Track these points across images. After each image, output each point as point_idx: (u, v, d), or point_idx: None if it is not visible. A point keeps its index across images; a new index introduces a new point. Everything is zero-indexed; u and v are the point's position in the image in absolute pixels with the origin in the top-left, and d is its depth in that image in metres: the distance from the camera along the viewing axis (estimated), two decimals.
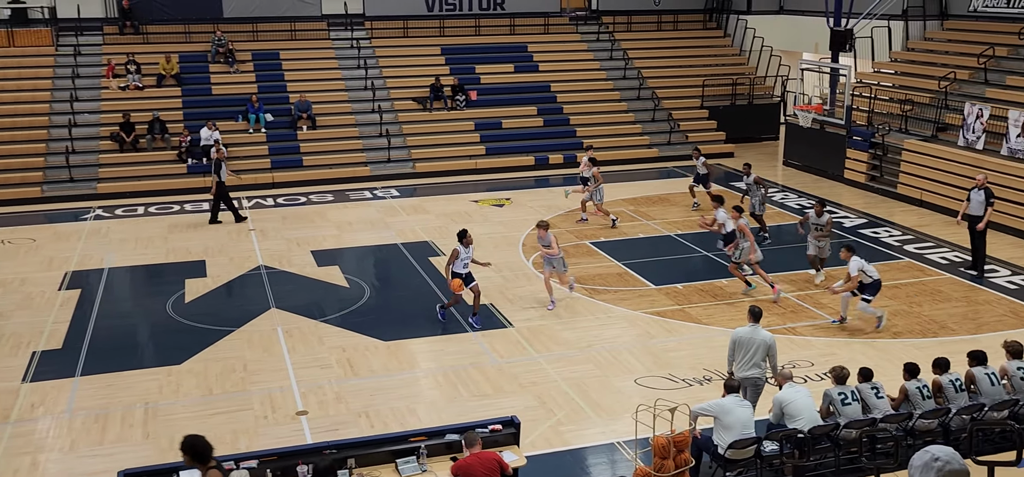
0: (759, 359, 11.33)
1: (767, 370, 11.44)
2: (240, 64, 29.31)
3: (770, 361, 11.43)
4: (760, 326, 11.47)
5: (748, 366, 11.35)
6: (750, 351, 11.33)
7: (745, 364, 11.37)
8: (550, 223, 15.97)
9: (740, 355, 11.44)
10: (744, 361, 11.39)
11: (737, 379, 11.07)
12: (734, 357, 11.52)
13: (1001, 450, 10.42)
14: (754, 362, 11.33)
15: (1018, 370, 11.18)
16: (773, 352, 11.41)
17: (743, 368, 11.39)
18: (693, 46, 33.71)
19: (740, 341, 11.44)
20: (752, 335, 11.37)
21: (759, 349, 11.30)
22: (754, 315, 11.56)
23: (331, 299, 16.77)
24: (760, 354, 11.32)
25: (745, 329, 11.50)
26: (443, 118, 28.78)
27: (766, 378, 11.45)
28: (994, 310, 15.82)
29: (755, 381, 11.35)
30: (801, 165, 27.40)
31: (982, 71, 24.09)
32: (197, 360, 14.03)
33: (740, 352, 11.43)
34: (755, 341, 11.32)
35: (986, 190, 17.33)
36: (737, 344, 11.47)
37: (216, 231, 21.28)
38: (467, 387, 13.05)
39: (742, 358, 11.42)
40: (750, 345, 11.33)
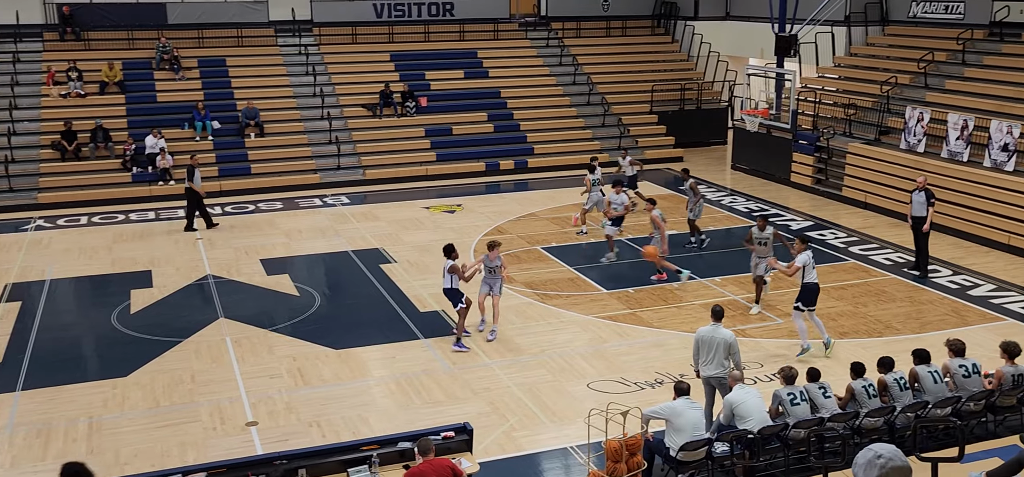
0: (722, 358, 11.49)
1: (730, 368, 11.56)
2: (186, 71, 28.89)
3: (732, 359, 11.57)
4: (721, 325, 11.62)
5: (712, 365, 11.52)
6: (712, 349, 11.49)
7: (708, 363, 11.55)
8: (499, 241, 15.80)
9: (704, 354, 11.61)
10: (707, 360, 11.56)
11: (703, 378, 11.30)
12: (698, 356, 11.69)
13: (944, 447, 10.64)
14: (717, 361, 11.49)
15: (960, 368, 11.42)
16: (734, 350, 11.55)
17: (707, 367, 11.56)
18: (642, 52, 33.99)
19: (702, 340, 11.61)
20: (713, 334, 11.53)
21: (720, 348, 11.46)
22: (715, 314, 11.73)
23: (281, 308, 16.58)
24: (722, 353, 11.47)
25: (707, 328, 11.66)
26: (393, 125, 28.66)
27: (729, 377, 11.49)
28: (937, 309, 16.16)
29: (719, 380, 11.52)
30: (749, 169, 27.75)
31: (922, 76, 24.63)
32: (143, 372, 13.77)
33: (703, 351, 11.61)
34: (716, 340, 11.49)
35: (926, 191, 17.59)
36: (700, 343, 11.64)
37: (163, 240, 20.94)
38: (420, 394, 12.98)
39: (706, 357, 11.58)
40: (712, 344, 11.50)
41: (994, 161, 20.21)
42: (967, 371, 11.40)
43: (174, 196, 24.79)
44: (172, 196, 24.82)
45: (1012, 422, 11.50)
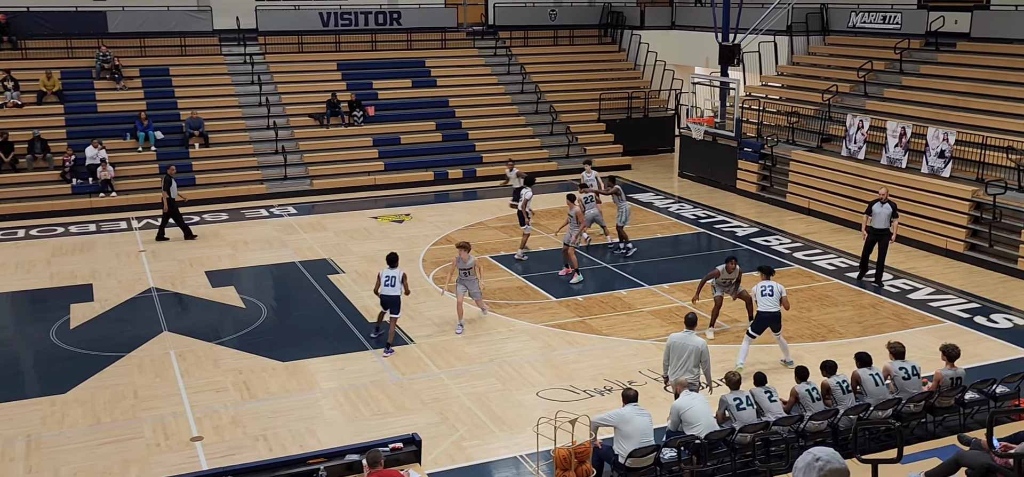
0: (692, 365, 11.70)
1: (700, 375, 11.76)
2: (127, 80, 28.40)
3: (702, 366, 11.77)
4: (693, 332, 11.85)
5: (682, 371, 11.69)
6: (683, 356, 11.70)
7: (679, 369, 11.73)
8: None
9: (674, 360, 11.82)
10: (678, 366, 11.76)
11: (673, 382, 11.48)
12: (669, 362, 11.86)
13: (886, 448, 10.86)
14: (687, 367, 11.70)
15: (900, 370, 11.67)
16: (705, 357, 11.77)
17: (677, 373, 11.75)
18: (589, 61, 34.22)
19: (674, 346, 11.84)
20: (685, 341, 11.77)
21: (691, 355, 11.67)
22: (688, 322, 12.03)
23: (227, 320, 16.36)
24: (693, 360, 11.69)
25: (679, 335, 11.89)
26: (341, 134, 28.47)
27: (700, 383, 11.74)
28: (878, 313, 16.48)
29: (690, 386, 11.57)
30: (695, 176, 28.08)
31: (862, 84, 25.15)
32: (83, 388, 13.48)
33: (674, 357, 11.83)
34: (688, 346, 11.71)
35: (890, 203, 17.44)
36: (671, 349, 11.86)
37: (104, 253, 20.54)
38: (368, 406, 12.89)
39: (676, 363, 11.79)
40: (683, 350, 11.71)
41: (931, 167, 20.69)
42: (907, 373, 11.65)
43: (116, 207, 24.38)
44: (114, 208, 24.39)
45: (951, 423, 11.77)
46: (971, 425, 11.59)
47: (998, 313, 16.43)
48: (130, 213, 24.17)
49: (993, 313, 16.43)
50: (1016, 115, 20.79)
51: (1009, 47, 23.19)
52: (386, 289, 14.69)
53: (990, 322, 16.01)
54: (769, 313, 13.78)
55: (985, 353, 14.55)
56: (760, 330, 13.96)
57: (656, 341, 15.10)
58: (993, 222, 18.98)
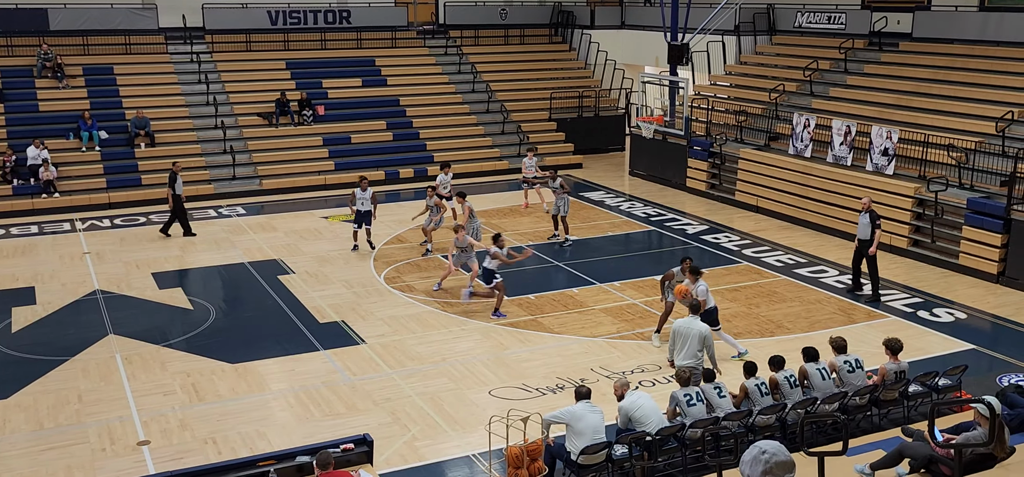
0: (696, 349, 12.10)
1: (705, 360, 12.19)
2: (70, 79, 27.83)
3: (706, 350, 12.21)
4: (697, 319, 12.31)
5: (688, 356, 12.10)
6: (688, 341, 12.11)
7: (684, 355, 12.13)
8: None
9: (680, 345, 12.21)
10: (684, 352, 12.15)
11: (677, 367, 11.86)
12: (674, 347, 12.31)
13: (833, 440, 11.04)
14: (692, 352, 12.09)
15: (845, 364, 11.87)
16: (709, 342, 12.22)
17: (683, 358, 12.14)
18: (540, 60, 34.31)
19: (679, 332, 12.24)
20: (689, 326, 12.20)
21: (695, 339, 12.09)
22: (692, 308, 12.55)
23: (174, 322, 16.12)
24: (697, 344, 12.10)
25: (684, 321, 12.36)
26: (290, 134, 28.20)
27: (701, 368, 11.99)
28: (825, 309, 16.76)
29: (693, 371, 11.91)
30: (646, 175, 28.30)
31: (808, 83, 25.54)
32: (26, 393, 13.19)
33: (679, 342, 12.21)
34: (692, 331, 12.13)
35: (871, 213, 17.10)
36: (677, 335, 12.26)
37: (47, 255, 20.12)
38: (319, 407, 12.79)
39: (681, 348, 12.19)
40: (687, 335, 12.13)
41: (875, 165, 21.08)
42: (851, 366, 11.86)
43: (59, 209, 23.89)
44: (57, 209, 23.90)
45: (895, 415, 12.00)
46: (915, 417, 11.84)
47: (940, 307, 16.80)
48: (74, 214, 23.71)
49: (935, 308, 16.80)
50: (957, 114, 21.28)
51: (949, 47, 23.73)
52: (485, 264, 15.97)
53: (932, 316, 16.37)
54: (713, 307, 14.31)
55: (928, 347, 14.88)
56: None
57: (607, 339, 15.21)
58: (935, 219, 19.41)
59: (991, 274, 18.08)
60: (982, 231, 18.25)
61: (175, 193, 21.21)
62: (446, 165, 22.88)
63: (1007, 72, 21.61)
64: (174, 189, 21.19)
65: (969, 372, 12.66)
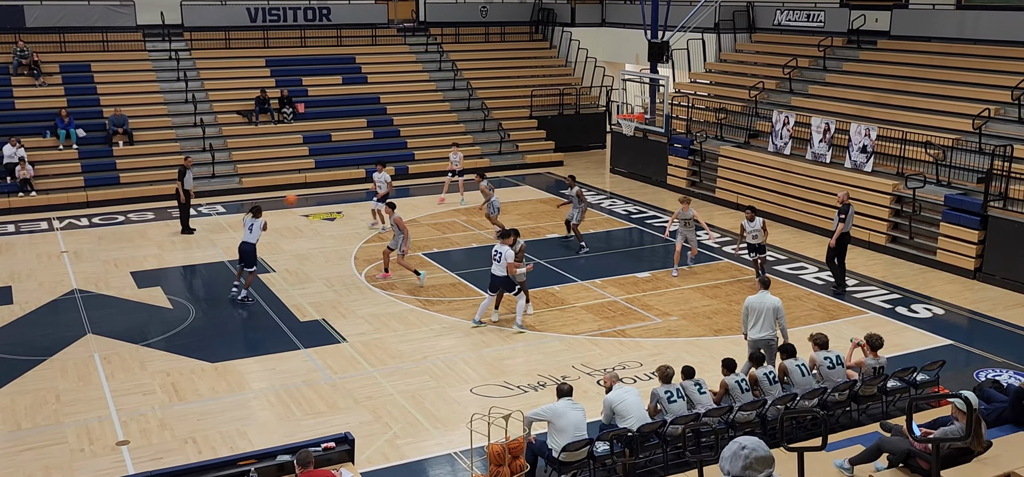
0: (771, 321, 12.66)
1: (778, 331, 12.69)
2: (47, 76, 27.58)
3: (779, 323, 12.71)
4: (768, 293, 12.83)
5: (761, 329, 12.64)
6: (761, 315, 12.64)
7: (758, 328, 12.66)
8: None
9: (753, 320, 12.72)
10: (757, 325, 12.68)
11: (750, 340, 12.61)
12: (748, 322, 12.79)
13: (812, 436, 11.12)
14: (767, 324, 12.64)
15: (825, 360, 11.95)
16: (781, 314, 12.76)
17: (756, 331, 12.67)
18: (520, 57, 34.32)
19: (752, 307, 12.77)
20: (762, 301, 12.71)
21: (768, 313, 12.64)
22: (763, 283, 13.13)
23: (153, 322, 16.01)
24: (771, 317, 12.65)
25: (756, 297, 12.84)
26: (270, 132, 28.06)
27: (777, 338, 12.62)
28: (804, 305, 16.86)
29: (768, 342, 12.58)
30: (627, 172, 28.36)
31: (787, 81, 25.67)
32: (3, 393, 13.06)
33: (752, 317, 12.72)
34: (765, 305, 12.65)
35: (841, 206, 17.25)
36: (749, 310, 12.79)
37: (24, 254, 19.93)
38: (300, 406, 12.75)
39: (755, 323, 12.70)
40: (761, 310, 12.65)
41: (854, 162, 21.22)
42: (831, 363, 11.94)
43: (37, 207, 23.67)
44: (34, 208, 23.69)
45: (874, 411, 12.10)
46: (893, 412, 11.94)
47: (918, 303, 16.95)
48: (51, 213, 23.51)
49: (913, 303, 16.94)
50: (934, 111, 21.45)
51: (927, 45, 23.91)
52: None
53: (911, 312, 16.50)
54: (495, 277, 15.23)
55: (906, 343, 15.00)
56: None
57: (588, 336, 15.23)
58: (913, 215, 19.57)
59: (968, 270, 18.26)
60: (959, 228, 18.42)
61: (185, 188, 21.15)
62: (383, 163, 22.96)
63: (984, 69, 21.80)
64: (184, 183, 21.16)
65: (947, 367, 12.77)
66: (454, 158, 25.19)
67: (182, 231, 21.54)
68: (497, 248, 15.45)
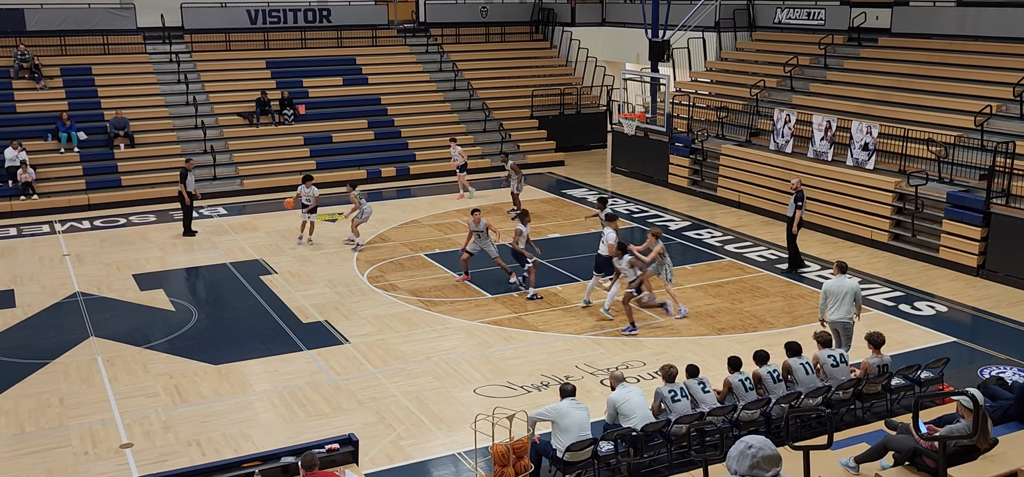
0: (849, 303, 13.13)
1: (854, 312, 13.22)
2: (48, 80, 27.58)
3: (856, 304, 13.23)
4: (846, 276, 13.30)
5: (839, 311, 13.10)
6: (840, 297, 13.12)
7: (836, 309, 13.11)
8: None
9: (832, 302, 13.17)
10: (835, 307, 13.12)
11: (829, 322, 13.11)
12: (826, 305, 13.22)
13: (817, 434, 11.09)
14: (846, 306, 13.11)
15: (829, 358, 11.93)
16: (858, 295, 13.30)
17: (834, 313, 13.12)
18: (521, 57, 34.30)
19: (831, 290, 13.20)
20: (841, 284, 13.19)
21: (848, 294, 13.14)
22: (841, 268, 13.51)
23: (156, 324, 16.00)
24: (849, 298, 13.15)
25: (834, 280, 13.28)
26: (271, 133, 28.05)
27: (853, 320, 13.22)
28: (807, 303, 16.83)
29: (846, 324, 13.13)
30: (628, 171, 28.34)
31: (788, 79, 25.65)
32: (6, 397, 13.06)
33: (832, 300, 13.17)
34: (844, 288, 13.15)
35: (796, 192, 18.08)
36: (829, 294, 13.21)
37: (26, 258, 19.93)
38: (304, 407, 12.74)
39: (834, 305, 13.14)
40: (840, 292, 13.13)
41: (856, 160, 21.20)
42: (835, 361, 11.92)
43: (39, 211, 23.67)
44: (36, 211, 23.69)
45: (878, 408, 12.08)
46: (898, 410, 11.92)
47: (921, 301, 16.93)
48: (53, 216, 23.51)
49: (916, 301, 16.92)
50: (936, 108, 21.43)
51: (928, 42, 23.88)
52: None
53: (914, 310, 16.49)
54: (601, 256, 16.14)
55: (909, 340, 14.99)
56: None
57: (591, 335, 15.22)
58: (915, 212, 19.54)
59: (971, 267, 18.23)
60: (962, 225, 18.40)
61: (188, 190, 21.17)
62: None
63: (985, 66, 21.78)
64: (186, 186, 21.16)
65: (950, 365, 12.77)
66: (454, 153, 25.22)
67: (184, 233, 21.54)
68: (605, 231, 16.71)
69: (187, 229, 21.58)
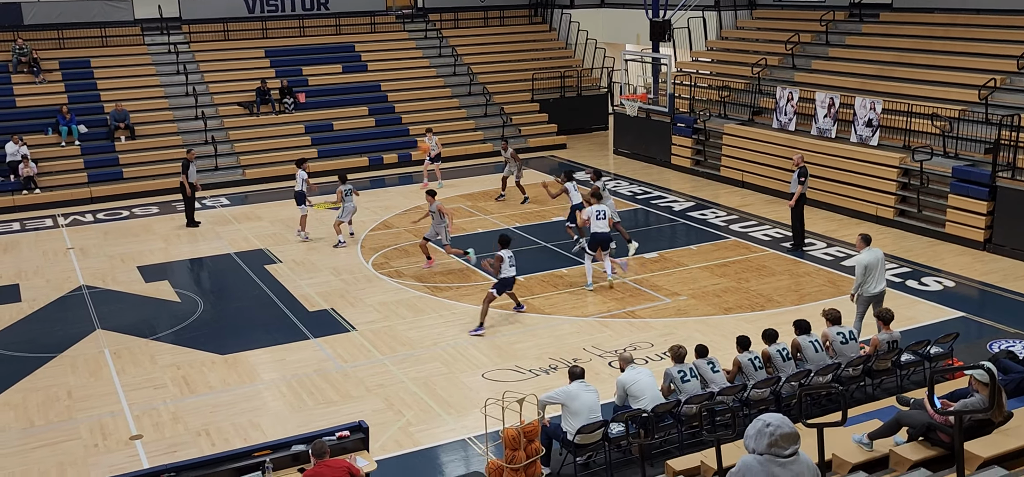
0: (883, 273, 13.41)
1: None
2: (47, 73, 27.49)
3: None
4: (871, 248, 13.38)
5: (878, 283, 13.27)
6: (877, 268, 13.26)
7: (874, 282, 13.24)
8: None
9: (871, 275, 13.20)
10: (874, 279, 13.23)
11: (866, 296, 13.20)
12: (868, 280, 13.19)
13: (828, 412, 11.06)
14: (882, 277, 13.34)
15: (838, 335, 11.89)
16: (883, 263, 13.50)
17: (877, 284, 13.24)
18: (520, 41, 34.16)
19: (871, 264, 13.20)
20: (875, 254, 13.30)
21: (882, 264, 13.38)
22: (866, 239, 13.53)
23: (162, 315, 15.98)
24: (883, 268, 13.42)
25: (869, 252, 13.25)
26: (271, 122, 27.97)
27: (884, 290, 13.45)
28: (813, 281, 16.79)
29: (883, 294, 13.34)
30: (630, 153, 28.25)
31: (790, 57, 25.53)
32: (14, 391, 13.05)
33: (871, 273, 13.20)
34: (879, 258, 13.31)
35: (799, 169, 18.10)
36: (869, 268, 13.18)
37: (30, 252, 19.89)
38: (312, 395, 12.72)
39: (872, 278, 13.22)
40: (876, 263, 13.26)
41: (859, 136, 21.12)
42: (845, 338, 11.87)
43: (41, 205, 23.62)
44: (38, 205, 23.64)
45: (888, 385, 12.05)
46: (908, 386, 11.89)
47: (928, 276, 16.88)
48: (56, 210, 23.47)
49: (924, 276, 16.87)
50: (939, 83, 21.32)
51: (930, 16, 23.74)
52: (509, 272, 14.89)
53: (921, 285, 16.44)
54: (602, 233, 15.84)
55: (917, 316, 14.95)
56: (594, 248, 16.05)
57: (598, 318, 15.19)
58: (920, 188, 19.46)
59: (978, 242, 18.18)
60: (968, 199, 18.33)
61: (189, 181, 21.11)
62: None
63: (988, 40, 21.66)
64: (188, 177, 21.09)
65: (960, 340, 12.74)
66: (430, 142, 24.91)
67: (187, 224, 21.49)
68: (599, 208, 16.39)
69: (190, 220, 21.53)
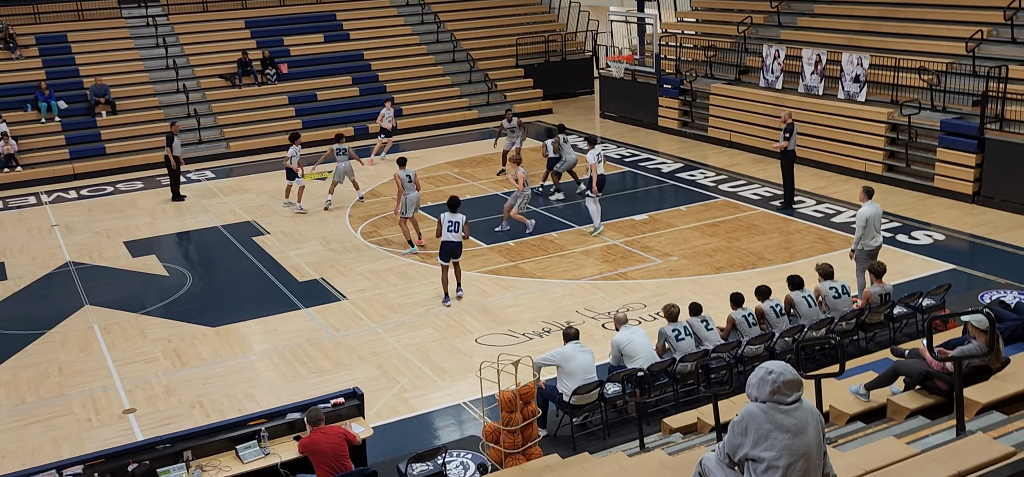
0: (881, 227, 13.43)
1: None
2: (23, 49, 27.09)
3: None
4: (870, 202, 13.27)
5: (877, 236, 13.18)
6: (877, 220, 13.20)
7: (878, 233, 13.18)
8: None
9: (871, 228, 13.08)
10: (876, 231, 13.14)
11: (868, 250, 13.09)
12: (868, 232, 13.06)
13: (822, 367, 11.08)
14: (880, 231, 13.33)
15: (830, 290, 11.90)
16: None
17: (874, 239, 13.12)
18: (504, 6, 33.85)
19: (871, 217, 13.08)
20: (876, 208, 13.19)
21: (880, 215, 13.29)
22: (869, 192, 13.43)
23: (151, 289, 15.84)
24: (880, 222, 13.39)
25: (870, 206, 13.13)
26: (254, 94, 27.69)
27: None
28: (804, 238, 16.80)
29: (878, 249, 13.20)
30: (617, 116, 28.14)
31: (775, 14, 25.39)
32: (4, 368, 12.93)
33: (870, 225, 13.08)
34: (878, 210, 13.22)
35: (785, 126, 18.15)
36: (870, 220, 13.06)
37: (14, 230, 19.67)
38: (305, 364, 12.65)
39: (873, 230, 13.11)
40: (877, 215, 13.18)
41: (847, 92, 21.07)
42: (837, 292, 11.89)
43: (23, 182, 23.35)
44: (20, 183, 23.36)
45: (881, 338, 12.08)
46: (901, 338, 11.93)
47: (919, 230, 16.91)
48: (38, 187, 23.21)
49: (914, 230, 16.90)
50: (926, 36, 21.25)
51: None
52: (449, 235, 14.19)
53: (911, 239, 16.47)
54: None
55: (908, 269, 14.98)
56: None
57: (590, 280, 15.15)
58: (909, 142, 19.46)
59: (967, 194, 18.21)
60: (956, 152, 18.34)
61: (174, 154, 20.88)
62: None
63: None
64: (172, 150, 20.86)
65: (951, 291, 12.78)
66: (387, 113, 24.56)
67: (173, 198, 21.30)
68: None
69: (176, 194, 21.33)
